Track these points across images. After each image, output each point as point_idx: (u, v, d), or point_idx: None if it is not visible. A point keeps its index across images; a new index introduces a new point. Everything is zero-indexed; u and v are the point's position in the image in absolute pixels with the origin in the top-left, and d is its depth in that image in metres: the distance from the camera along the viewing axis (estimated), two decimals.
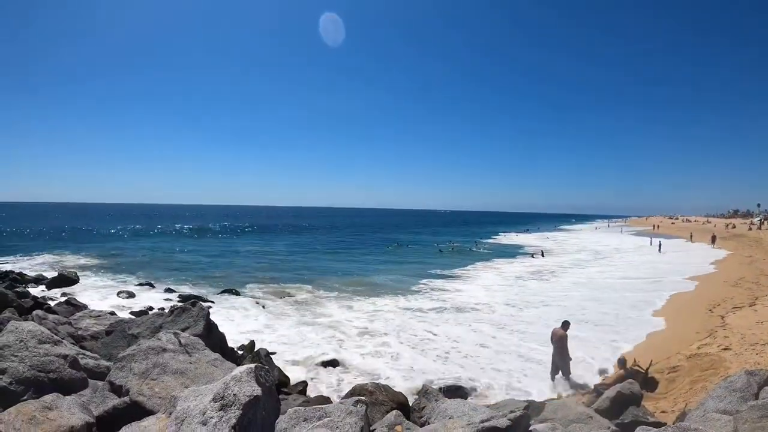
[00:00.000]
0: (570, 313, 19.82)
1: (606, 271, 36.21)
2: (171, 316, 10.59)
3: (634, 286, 27.65)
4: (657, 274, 32.28)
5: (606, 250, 55.87)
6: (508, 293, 26.05)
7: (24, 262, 34.48)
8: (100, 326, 12.65)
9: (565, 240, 75.94)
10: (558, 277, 32.54)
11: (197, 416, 4.40)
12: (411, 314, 20.68)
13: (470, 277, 32.76)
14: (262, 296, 24.20)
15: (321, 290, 26.06)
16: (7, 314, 11.84)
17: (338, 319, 19.53)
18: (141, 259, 38.73)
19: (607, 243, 67.29)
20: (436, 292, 26.42)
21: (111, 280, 27.51)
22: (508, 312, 21.13)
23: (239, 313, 20.16)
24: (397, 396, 9.49)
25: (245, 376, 4.73)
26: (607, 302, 22.68)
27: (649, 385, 11.59)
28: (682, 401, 10.18)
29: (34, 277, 26.06)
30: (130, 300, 21.69)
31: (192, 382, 5.99)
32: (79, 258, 38.22)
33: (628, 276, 32.36)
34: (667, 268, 36.15)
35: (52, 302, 18.23)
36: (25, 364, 5.86)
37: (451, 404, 7.05)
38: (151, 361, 6.25)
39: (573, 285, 29.02)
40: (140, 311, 18.80)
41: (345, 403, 5.50)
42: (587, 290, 26.78)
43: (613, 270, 36.47)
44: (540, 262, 42.37)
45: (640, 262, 41.39)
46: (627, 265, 39.55)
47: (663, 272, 33.29)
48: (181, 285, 26.98)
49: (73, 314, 15.14)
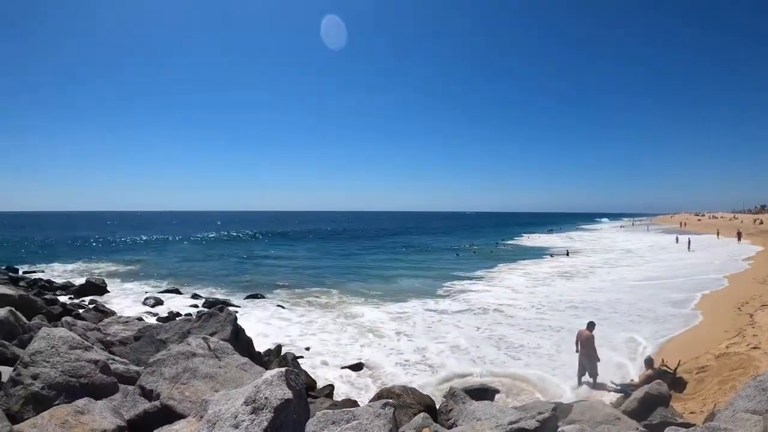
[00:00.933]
0: (599, 313, 19.59)
1: (635, 269, 35.63)
2: (199, 321, 10.65)
3: (664, 284, 27.09)
4: (686, 273, 31.59)
5: (635, 248, 54.89)
6: (534, 294, 25.75)
7: (52, 270, 35.14)
8: (129, 332, 12.76)
9: (592, 240, 74.75)
10: (586, 277, 32.11)
11: (229, 419, 4.38)
12: (436, 316, 20.57)
13: (495, 278, 32.43)
14: (287, 300, 24.29)
15: (345, 294, 26.07)
16: (37, 321, 12.02)
17: (363, 322, 19.48)
18: (166, 266, 39.19)
19: (635, 241, 66.16)
20: (461, 294, 26.23)
21: (137, 287, 27.89)
22: (533, 313, 20.86)
23: (265, 318, 20.23)
24: (424, 398, 9.41)
25: (276, 380, 4.69)
26: (635, 301, 22.22)
27: (677, 385, 11.40)
28: (710, 402, 9.97)
29: (62, 284, 26.51)
30: (157, 306, 21.89)
31: (222, 386, 5.97)
32: (106, 265, 38.90)
33: (657, 275, 31.72)
34: (695, 265, 35.40)
35: (81, 309, 18.48)
36: (57, 369, 5.89)
37: (479, 406, 6.99)
38: (181, 366, 6.25)
39: (601, 284, 28.59)
40: (167, 317, 18.97)
41: (373, 406, 5.46)
42: (615, 290, 26.33)
43: (643, 269, 35.86)
44: (569, 262, 41.85)
45: (669, 260, 40.60)
46: (656, 264, 38.81)
47: (692, 270, 32.57)
48: (207, 290, 27.22)
49: (101, 320, 15.33)
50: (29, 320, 10.41)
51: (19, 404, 5.48)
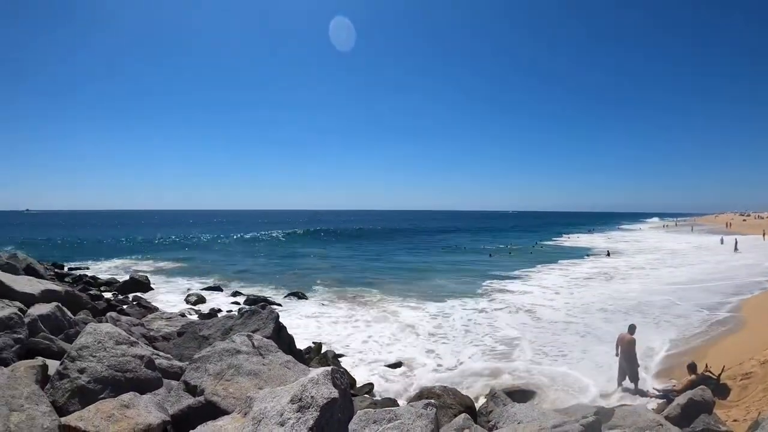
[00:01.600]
0: (640, 315, 19.07)
1: (678, 270, 34.58)
2: (241, 318, 10.70)
3: (708, 287, 26.17)
4: (731, 275, 30.51)
5: (679, 248, 53.45)
6: (573, 294, 25.28)
7: (97, 267, 36.10)
8: (172, 328, 12.94)
9: (636, 240, 72.60)
10: (626, 279, 31.23)
11: (274, 417, 4.32)
12: (476, 315, 20.33)
13: (533, 278, 31.89)
14: (328, 299, 24.39)
15: (385, 293, 25.95)
16: (82, 316, 12.28)
17: (403, 321, 19.36)
18: (207, 265, 39.82)
19: (681, 242, 64.32)
20: (500, 293, 25.87)
21: (180, 285, 28.41)
22: (573, 313, 20.47)
23: (306, 316, 20.34)
24: (465, 399, 9.35)
25: (322, 379, 4.63)
26: (679, 304, 21.57)
27: (720, 391, 11.06)
28: (755, 410, 9.61)
29: (106, 280, 27.15)
30: (199, 303, 22.18)
31: (266, 384, 5.94)
32: (148, 263, 39.79)
33: (702, 276, 30.66)
34: (741, 267, 34.23)
35: (125, 305, 18.85)
36: (103, 364, 5.96)
37: (520, 408, 6.98)
38: (225, 363, 6.26)
39: (642, 286, 27.81)
40: (209, 313, 19.20)
41: (415, 406, 5.42)
42: (652, 291, 25.69)
43: (687, 270, 34.71)
44: (611, 263, 40.89)
45: (714, 262, 39.27)
46: (701, 265, 37.57)
47: (737, 272, 31.48)
48: (248, 288, 27.49)
49: (144, 316, 15.63)
50: (75, 315, 10.61)
51: (66, 397, 5.55)
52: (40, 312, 8.56)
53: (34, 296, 11.13)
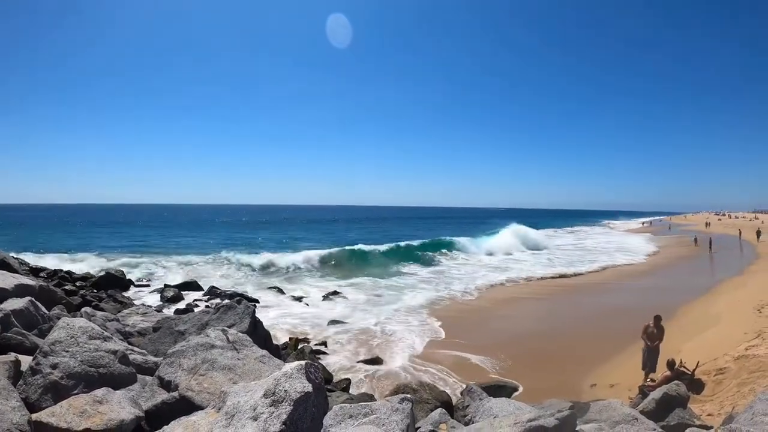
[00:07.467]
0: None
1: (648, 271, 35.12)
2: (217, 313, 10.64)
3: (681, 285, 26.76)
4: (705, 273, 31.22)
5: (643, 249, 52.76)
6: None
7: (73, 262, 35.42)
8: (147, 323, 12.83)
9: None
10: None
11: (248, 411, 4.35)
12: (451, 312, 20.54)
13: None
14: (307, 294, 24.39)
15: (365, 289, 26.08)
16: (57, 311, 12.09)
17: (380, 317, 19.44)
18: (184, 259, 39.27)
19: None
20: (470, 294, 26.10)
21: (156, 279, 28.06)
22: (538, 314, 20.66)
23: (283, 311, 20.30)
24: (441, 394, 9.42)
25: (296, 373, 4.66)
26: (652, 303, 21.89)
27: (695, 387, 11.29)
28: (728, 404, 9.88)
29: (81, 275, 26.69)
30: (175, 298, 21.96)
31: (240, 378, 5.96)
32: (126, 258, 39.08)
33: (676, 276, 31.33)
34: (715, 266, 35.00)
35: (100, 300, 18.60)
36: (76, 359, 5.90)
37: (496, 403, 7.04)
38: (199, 357, 6.25)
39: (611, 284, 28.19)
40: (185, 309, 19.04)
41: (391, 401, 5.45)
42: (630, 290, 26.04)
43: (659, 270, 35.36)
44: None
45: (688, 261, 40.09)
46: (676, 264, 38.35)
47: (712, 271, 32.17)
48: (225, 284, 27.29)
49: (120, 311, 15.46)
50: (49, 310, 10.45)
51: (38, 393, 5.48)
52: (13, 307, 8.40)
53: (7, 291, 10.89)
